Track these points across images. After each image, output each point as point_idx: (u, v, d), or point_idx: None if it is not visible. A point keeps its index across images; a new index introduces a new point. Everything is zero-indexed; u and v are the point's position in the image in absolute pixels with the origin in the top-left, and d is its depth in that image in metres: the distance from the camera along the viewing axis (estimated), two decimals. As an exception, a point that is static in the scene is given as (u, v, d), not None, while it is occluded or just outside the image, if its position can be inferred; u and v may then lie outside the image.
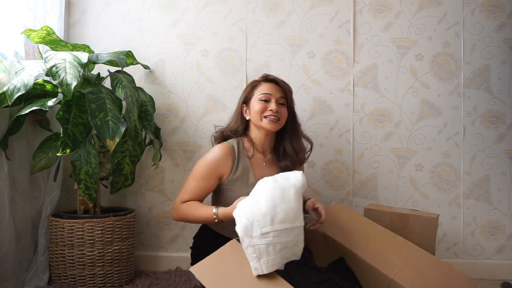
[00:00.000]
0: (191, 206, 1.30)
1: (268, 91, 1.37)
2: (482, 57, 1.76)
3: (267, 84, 1.39)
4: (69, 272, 1.44)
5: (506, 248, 1.74)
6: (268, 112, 1.34)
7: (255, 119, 1.37)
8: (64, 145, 1.32)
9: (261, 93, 1.37)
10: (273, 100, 1.36)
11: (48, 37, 1.48)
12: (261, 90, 1.38)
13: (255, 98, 1.38)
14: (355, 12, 1.79)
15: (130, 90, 1.44)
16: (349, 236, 1.26)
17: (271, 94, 1.37)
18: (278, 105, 1.37)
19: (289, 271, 1.10)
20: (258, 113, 1.35)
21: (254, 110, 1.37)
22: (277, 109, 1.35)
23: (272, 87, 1.38)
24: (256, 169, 1.37)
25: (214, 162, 1.32)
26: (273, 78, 1.41)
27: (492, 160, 1.74)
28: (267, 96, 1.36)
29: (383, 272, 1.11)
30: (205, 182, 1.31)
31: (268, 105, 1.35)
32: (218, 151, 1.33)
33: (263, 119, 1.35)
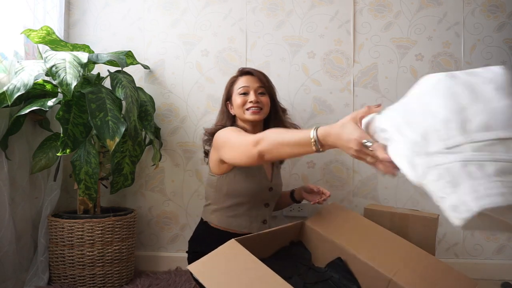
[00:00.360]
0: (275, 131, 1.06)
1: (245, 83, 1.40)
2: (482, 57, 1.76)
3: (244, 77, 1.43)
4: (69, 272, 1.44)
5: (506, 248, 1.74)
6: (248, 104, 1.38)
7: (239, 113, 1.40)
8: (64, 145, 1.32)
9: (239, 87, 1.40)
10: (251, 92, 1.39)
11: (48, 37, 1.48)
12: (239, 84, 1.42)
13: (235, 93, 1.41)
14: (355, 12, 1.79)
15: (130, 90, 1.44)
16: (347, 236, 1.25)
17: (249, 86, 1.40)
18: (258, 95, 1.40)
19: (287, 270, 1.10)
20: (240, 107, 1.39)
21: (236, 105, 1.41)
22: (257, 99, 1.38)
23: (248, 79, 1.42)
24: None
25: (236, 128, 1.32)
26: (247, 70, 1.45)
27: (492, 160, 1.74)
28: (245, 89, 1.40)
29: (382, 272, 1.11)
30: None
31: (248, 97, 1.39)
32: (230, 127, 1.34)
33: (246, 112, 1.38)
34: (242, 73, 1.45)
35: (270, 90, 1.44)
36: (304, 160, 1.78)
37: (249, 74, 1.43)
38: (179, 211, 1.80)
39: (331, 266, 1.20)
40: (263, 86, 1.41)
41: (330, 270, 1.19)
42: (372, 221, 1.39)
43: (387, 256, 1.18)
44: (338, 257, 1.21)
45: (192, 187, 1.80)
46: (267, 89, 1.43)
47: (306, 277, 1.16)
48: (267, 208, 1.42)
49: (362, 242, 1.24)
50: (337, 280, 1.16)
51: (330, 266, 1.20)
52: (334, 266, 1.19)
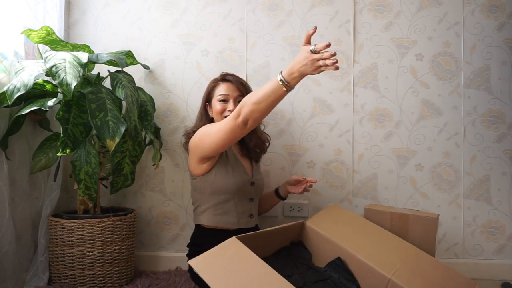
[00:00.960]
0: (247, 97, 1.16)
1: (226, 91, 1.44)
2: (482, 57, 1.75)
3: (224, 84, 1.46)
4: (69, 272, 1.44)
5: (506, 248, 1.74)
6: (227, 112, 1.43)
7: (217, 119, 1.45)
8: (64, 145, 1.32)
9: (220, 94, 1.44)
10: (231, 100, 1.44)
11: (48, 37, 1.48)
12: (219, 90, 1.46)
13: (215, 98, 1.46)
14: (355, 12, 1.79)
15: (130, 90, 1.44)
16: (347, 236, 1.26)
17: (229, 94, 1.44)
18: (236, 103, 1.43)
19: (287, 270, 1.11)
20: (219, 113, 1.44)
21: (215, 110, 1.45)
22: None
23: (229, 87, 1.45)
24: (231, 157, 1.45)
25: None
26: (229, 78, 1.47)
27: (492, 160, 1.74)
28: (225, 97, 1.44)
29: (381, 272, 1.11)
30: None
31: (227, 105, 1.43)
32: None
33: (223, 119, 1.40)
34: (223, 79, 1.48)
35: None
36: (304, 160, 1.78)
37: (229, 82, 1.46)
38: (179, 211, 1.80)
39: (331, 266, 1.20)
40: (242, 95, 1.44)
41: (330, 269, 1.19)
42: (372, 222, 1.39)
43: (387, 256, 1.19)
44: (337, 257, 1.21)
45: (192, 187, 1.80)
46: None
47: (306, 276, 1.17)
48: (252, 202, 1.46)
49: (362, 242, 1.24)
50: (337, 279, 1.16)
51: (330, 266, 1.20)
52: (333, 266, 1.20)
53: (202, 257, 1.03)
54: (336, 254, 1.22)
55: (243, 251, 1.04)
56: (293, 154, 1.79)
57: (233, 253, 1.04)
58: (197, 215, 1.46)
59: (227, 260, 1.02)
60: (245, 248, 1.04)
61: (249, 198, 1.45)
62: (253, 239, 1.12)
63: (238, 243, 1.06)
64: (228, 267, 1.00)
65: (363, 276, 1.16)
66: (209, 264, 1.01)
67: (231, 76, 1.49)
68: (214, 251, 1.04)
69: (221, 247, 1.06)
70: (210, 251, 1.04)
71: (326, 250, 1.26)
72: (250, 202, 1.45)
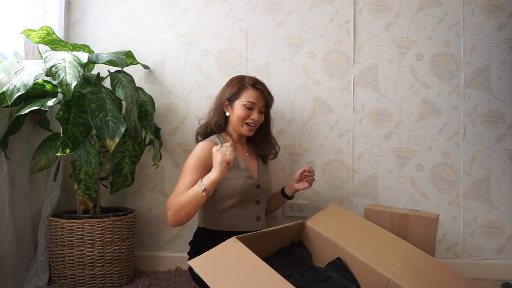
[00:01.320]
0: (176, 197, 1.28)
1: (254, 100, 1.43)
2: (482, 57, 1.75)
3: (254, 92, 1.44)
4: (69, 272, 1.44)
5: (506, 248, 1.74)
6: (249, 120, 1.43)
7: (236, 122, 1.44)
8: (64, 145, 1.32)
9: (247, 100, 1.43)
10: (256, 109, 1.44)
11: (48, 37, 1.48)
12: (247, 96, 1.43)
13: (240, 102, 1.43)
14: (355, 12, 1.79)
15: (130, 90, 1.44)
16: (347, 236, 1.26)
17: (256, 103, 1.43)
18: (259, 114, 1.45)
19: (287, 270, 1.11)
20: (240, 119, 1.43)
21: (236, 114, 1.43)
22: (259, 119, 1.45)
23: (258, 95, 1.44)
24: (241, 155, 1.46)
25: (202, 154, 1.36)
26: (260, 87, 1.46)
27: (492, 160, 1.74)
28: (252, 105, 1.43)
29: (381, 272, 1.11)
30: (196, 175, 1.32)
31: (251, 113, 1.43)
32: (204, 145, 1.38)
33: (244, 125, 1.44)
34: (254, 86, 1.45)
35: (269, 110, 1.53)
36: (304, 160, 1.78)
37: (260, 91, 1.45)
38: (179, 211, 1.80)
39: (331, 266, 1.20)
40: (266, 106, 1.48)
41: (330, 270, 1.19)
42: (372, 222, 1.39)
43: (386, 256, 1.19)
44: (337, 257, 1.21)
45: (192, 187, 1.80)
46: (267, 109, 1.51)
47: (306, 277, 1.17)
48: (259, 205, 1.45)
49: (362, 243, 1.24)
50: (337, 280, 1.16)
51: (330, 266, 1.20)
52: (333, 266, 1.20)
53: (202, 258, 1.02)
54: (336, 254, 1.22)
55: (243, 251, 1.04)
56: (293, 154, 1.79)
57: (233, 253, 1.04)
58: (203, 220, 1.45)
59: (227, 260, 1.02)
60: (245, 249, 1.04)
61: (256, 201, 1.44)
62: (253, 239, 1.12)
63: (238, 243, 1.06)
64: (228, 268, 1.00)
65: (363, 276, 1.16)
66: (209, 264, 1.01)
67: (262, 85, 1.47)
68: (214, 252, 1.04)
69: (221, 247, 1.05)
70: (210, 251, 1.04)
71: (326, 250, 1.26)
72: (256, 205, 1.44)
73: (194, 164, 1.34)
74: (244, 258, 1.02)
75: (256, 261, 1.00)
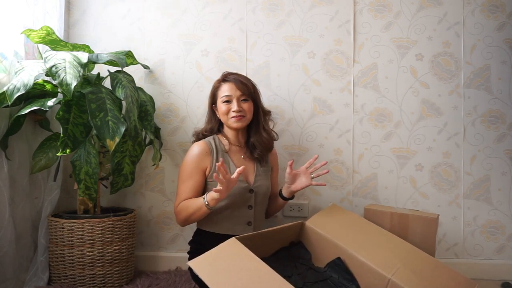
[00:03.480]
0: (185, 205, 1.37)
1: (228, 92, 1.44)
2: (482, 57, 1.75)
3: (226, 85, 1.46)
4: (69, 272, 1.44)
5: (506, 248, 1.74)
6: (232, 113, 1.42)
7: (224, 119, 1.46)
8: (64, 145, 1.32)
9: (223, 95, 1.44)
10: (234, 100, 1.43)
11: (48, 37, 1.48)
12: (222, 91, 1.46)
13: (219, 100, 1.46)
14: (355, 12, 1.79)
15: (130, 90, 1.44)
16: (346, 236, 1.26)
17: (231, 94, 1.43)
18: (240, 102, 1.43)
19: (287, 270, 1.11)
20: (224, 114, 1.44)
21: (220, 112, 1.46)
22: (239, 108, 1.42)
23: (231, 87, 1.44)
24: (235, 160, 1.46)
25: (194, 158, 1.40)
26: (229, 78, 1.46)
27: (492, 160, 1.74)
28: (228, 97, 1.44)
29: (381, 272, 1.11)
30: (193, 180, 1.39)
31: (231, 105, 1.43)
32: (196, 148, 1.42)
33: (229, 120, 1.44)
34: (224, 80, 1.47)
35: (252, 96, 1.47)
36: (304, 160, 1.78)
37: (230, 82, 1.45)
38: (179, 211, 1.80)
39: (330, 266, 1.20)
40: (245, 93, 1.44)
41: (330, 270, 1.19)
42: (372, 222, 1.39)
43: (386, 256, 1.19)
44: (337, 257, 1.21)
45: (192, 187, 1.80)
46: (250, 96, 1.46)
47: (306, 277, 1.17)
48: (251, 210, 1.43)
49: (362, 242, 1.24)
50: (336, 280, 1.16)
51: (330, 266, 1.20)
52: (333, 266, 1.20)
53: (202, 258, 1.02)
54: (335, 254, 1.22)
55: (243, 252, 1.04)
56: (293, 154, 1.79)
57: (233, 254, 1.04)
58: None
59: (226, 261, 1.02)
60: (244, 249, 1.04)
61: (248, 206, 1.42)
62: (252, 240, 1.12)
63: (237, 243, 1.06)
64: (228, 268, 1.00)
65: (363, 276, 1.16)
66: (209, 265, 1.01)
67: (232, 75, 1.47)
68: (214, 252, 1.04)
69: (221, 248, 1.05)
70: (210, 252, 1.04)
71: (325, 250, 1.26)
72: (248, 210, 1.42)
73: (188, 169, 1.40)
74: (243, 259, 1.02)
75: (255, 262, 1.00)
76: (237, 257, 1.03)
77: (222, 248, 1.05)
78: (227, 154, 1.45)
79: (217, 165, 1.19)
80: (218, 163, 1.19)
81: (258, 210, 1.46)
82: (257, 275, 0.99)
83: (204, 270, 0.98)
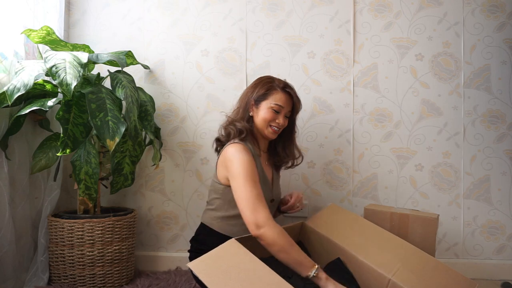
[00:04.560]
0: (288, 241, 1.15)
1: (282, 103, 1.36)
2: (482, 57, 1.75)
3: (283, 95, 1.37)
4: (69, 272, 1.44)
5: (506, 248, 1.74)
6: (274, 123, 1.36)
7: (260, 124, 1.37)
8: (64, 145, 1.32)
9: (275, 103, 1.35)
10: (282, 113, 1.37)
11: (48, 37, 1.48)
12: (276, 99, 1.36)
13: (267, 103, 1.36)
14: (355, 12, 1.79)
15: (130, 90, 1.44)
16: (346, 236, 1.25)
17: (284, 107, 1.37)
18: (284, 118, 1.39)
19: (287, 271, 1.10)
20: (265, 121, 1.36)
21: (262, 116, 1.36)
22: (284, 123, 1.38)
23: (286, 99, 1.38)
24: (263, 164, 1.41)
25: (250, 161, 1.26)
26: (290, 91, 1.39)
27: (492, 160, 1.74)
28: (279, 108, 1.36)
29: (381, 272, 1.11)
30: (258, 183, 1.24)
31: (277, 116, 1.36)
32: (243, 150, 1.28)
33: (267, 129, 1.37)
34: (284, 90, 1.38)
35: (295, 116, 1.46)
36: (304, 160, 1.78)
37: (289, 96, 1.39)
38: (179, 211, 1.80)
39: (330, 266, 1.20)
40: (292, 112, 1.43)
41: (330, 270, 1.19)
42: (372, 222, 1.39)
43: (386, 256, 1.18)
44: (337, 257, 1.21)
45: (192, 187, 1.80)
46: (293, 115, 1.45)
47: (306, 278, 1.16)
48: None
49: (361, 243, 1.24)
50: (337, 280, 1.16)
51: (330, 266, 1.20)
52: (333, 266, 1.19)
53: (202, 260, 1.02)
54: (335, 254, 1.22)
55: (243, 252, 1.03)
56: (293, 154, 1.79)
57: (233, 255, 1.04)
58: (209, 217, 1.38)
59: (226, 262, 1.02)
60: (244, 250, 1.04)
61: None
62: (252, 241, 1.12)
63: (237, 245, 1.06)
64: (228, 269, 1.00)
65: (363, 276, 1.16)
66: (209, 266, 1.00)
67: (292, 89, 1.40)
68: (214, 253, 1.04)
69: (221, 249, 1.05)
70: (210, 253, 1.04)
71: (325, 250, 1.26)
72: None
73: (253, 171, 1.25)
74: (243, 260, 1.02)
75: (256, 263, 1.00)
76: (237, 258, 1.03)
77: (221, 249, 1.05)
78: (259, 158, 1.38)
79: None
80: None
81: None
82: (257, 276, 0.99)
83: (204, 272, 0.98)
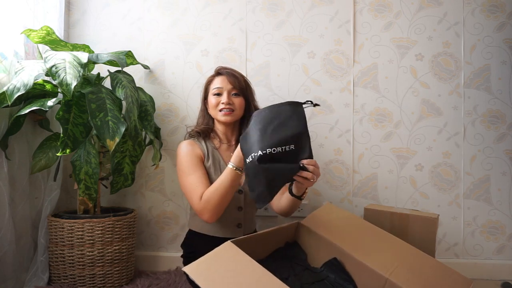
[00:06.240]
0: (210, 191, 1.25)
1: (219, 84, 1.42)
2: (482, 57, 1.75)
3: (219, 78, 1.44)
4: (69, 272, 1.44)
5: (506, 248, 1.73)
6: (220, 105, 1.40)
7: (213, 113, 1.44)
8: (64, 145, 1.32)
9: (214, 88, 1.42)
10: (224, 93, 1.41)
11: (48, 37, 1.48)
12: (214, 84, 1.44)
13: (210, 93, 1.44)
14: (355, 12, 1.79)
15: (130, 90, 1.44)
16: (343, 236, 1.25)
17: (222, 87, 1.41)
18: (231, 96, 1.41)
19: (284, 271, 1.10)
20: (213, 108, 1.42)
21: (210, 105, 1.43)
22: (229, 101, 1.40)
23: (223, 80, 1.43)
24: (225, 158, 1.43)
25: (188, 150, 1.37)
26: (222, 71, 1.45)
27: (492, 160, 1.74)
28: (219, 90, 1.41)
29: (378, 271, 1.11)
30: (199, 170, 1.34)
31: (221, 98, 1.41)
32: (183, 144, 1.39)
33: (218, 113, 1.41)
34: (217, 73, 1.46)
35: (244, 92, 1.44)
36: (304, 160, 1.78)
37: (222, 75, 1.44)
38: (179, 211, 1.80)
39: (327, 266, 1.19)
40: (236, 87, 1.41)
41: (326, 270, 1.19)
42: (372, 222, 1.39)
43: (383, 255, 1.18)
44: (334, 257, 1.20)
45: (192, 187, 1.80)
46: (241, 91, 1.43)
47: (303, 278, 1.16)
48: (241, 212, 1.40)
49: (358, 242, 1.24)
50: (333, 280, 1.15)
51: (326, 266, 1.19)
52: (330, 266, 1.19)
53: (197, 263, 1.02)
54: (332, 254, 1.22)
55: (239, 255, 1.03)
56: (293, 154, 1.79)
57: (229, 257, 1.03)
58: (189, 218, 1.46)
59: (223, 265, 1.01)
60: (241, 252, 1.03)
61: (237, 207, 1.39)
62: (248, 242, 1.11)
63: (233, 247, 1.05)
64: (225, 273, 0.99)
65: (360, 275, 1.16)
66: (205, 270, 1.00)
67: (225, 69, 1.46)
68: (210, 256, 1.03)
69: (217, 252, 1.05)
70: (205, 256, 1.03)
71: (321, 250, 1.25)
72: (238, 211, 1.39)
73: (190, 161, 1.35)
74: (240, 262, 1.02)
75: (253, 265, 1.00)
76: (234, 261, 1.02)
77: (217, 252, 1.05)
78: (217, 150, 1.43)
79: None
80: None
81: (248, 212, 1.43)
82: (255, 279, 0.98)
83: (200, 276, 0.97)
